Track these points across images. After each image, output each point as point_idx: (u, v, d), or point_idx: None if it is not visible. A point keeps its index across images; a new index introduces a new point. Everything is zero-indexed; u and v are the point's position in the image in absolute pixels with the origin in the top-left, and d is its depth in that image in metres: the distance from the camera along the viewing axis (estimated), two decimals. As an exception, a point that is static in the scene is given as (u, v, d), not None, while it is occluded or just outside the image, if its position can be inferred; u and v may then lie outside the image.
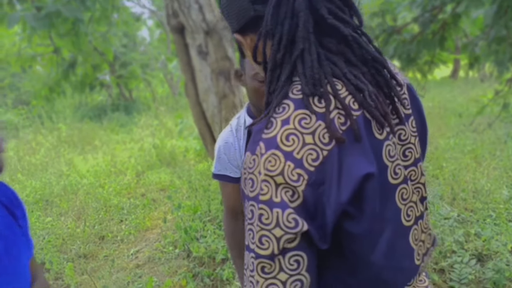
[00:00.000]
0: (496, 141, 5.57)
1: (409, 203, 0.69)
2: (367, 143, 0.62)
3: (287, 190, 0.59)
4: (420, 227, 0.71)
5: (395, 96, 0.67)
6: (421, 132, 0.76)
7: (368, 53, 0.65)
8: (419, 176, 0.73)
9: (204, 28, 1.63)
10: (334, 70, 0.64)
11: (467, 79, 13.81)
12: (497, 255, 2.73)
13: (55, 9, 1.85)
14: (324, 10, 0.63)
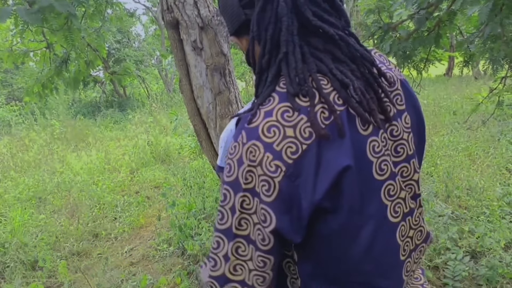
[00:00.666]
0: (490, 139, 5.61)
1: (397, 199, 0.69)
2: (349, 138, 0.63)
3: (264, 184, 0.61)
4: (408, 224, 0.72)
5: (384, 93, 0.68)
6: (417, 128, 0.76)
7: (356, 51, 0.67)
8: (411, 172, 0.73)
9: (199, 23, 1.61)
10: (319, 67, 0.66)
11: (461, 77, 13.89)
12: (491, 252, 2.75)
13: (48, 4, 1.82)
14: (309, 13, 0.65)
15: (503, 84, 2.88)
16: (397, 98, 0.71)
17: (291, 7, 0.65)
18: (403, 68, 3.07)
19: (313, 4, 0.66)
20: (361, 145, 0.64)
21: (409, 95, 0.74)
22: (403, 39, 2.81)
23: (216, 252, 0.67)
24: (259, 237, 0.64)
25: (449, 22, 2.69)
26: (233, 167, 0.63)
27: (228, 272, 0.66)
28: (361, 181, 0.64)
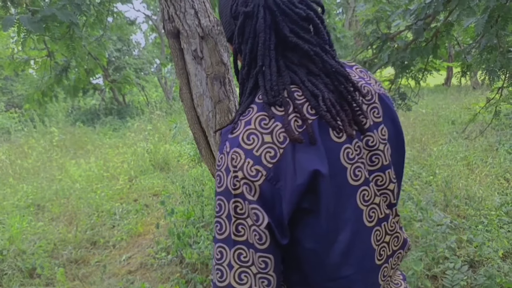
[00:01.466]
0: (488, 148, 5.63)
1: (371, 205, 0.72)
2: (321, 145, 0.67)
3: (246, 187, 0.65)
4: (384, 229, 0.74)
5: (357, 106, 0.72)
6: (395, 141, 0.79)
7: (331, 66, 0.72)
8: (386, 182, 0.76)
9: (200, 33, 1.63)
10: (293, 78, 0.71)
11: (460, 86, 13.97)
12: (489, 261, 2.75)
13: (51, 13, 1.84)
14: (286, 30, 0.70)
15: (500, 94, 2.91)
16: (374, 111, 0.75)
17: (270, 24, 0.70)
18: (401, 78, 3.10)
19: (292, 22, 0.71)
20: (334, 152, 0.68)
21: (387, 108, 0.77)
22: (401, 49, 2.84)
23: (220, 263, 0.68)
24: (255, 237, 0.66)
25: (446, 33, 2.73)
26: (222, 177, 0.68)
27: (233, 281, 0.67)
28: (336, 185, 0.68)
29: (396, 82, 3.21)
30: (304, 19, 0.72)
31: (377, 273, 0.74)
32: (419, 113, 8.68)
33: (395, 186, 0.77)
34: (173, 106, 12.32)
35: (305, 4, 0.73)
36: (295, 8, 0.71)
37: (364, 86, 0.76)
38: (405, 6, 2.90)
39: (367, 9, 3.24)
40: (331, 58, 0.73)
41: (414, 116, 8.23)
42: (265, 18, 0.70)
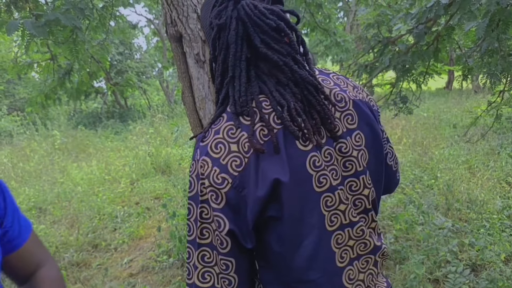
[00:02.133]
0: (489, 152, 5.63)
1: (334, 211, 0.74)
2: (284, 154, 0.69)
3: (212, 194, 0.69)
4: (347, 234, 0.76)
5: (326, 114, 0.73)
6: (373, 146, 0.79)
7: (299, 75, 0.73)
8: (361, 187, 0.77)
9: (202, 36, 1.65)
10: (262, 89, 0.73)
11: (461, 90, 13.96)
12: (491, 265, 2.75)
13: (54, 17, 1.86)
14: (257, 40, 0.72)
15: (501, 98, 2.91)
16: (348, 118, 0.76)
17: (242, 35, 0.73)
18: (402, 81, 3.11)
19: (262, 32, 0.72)
20: (299, 160, 0.70)
21: (363, 114, 0.78)
22: (402, 53, 2.85)
23: (188, 262, 0.74)
24: (218, 242, 0.70)
25: (448, 36, 2.74)
26: (193, 182, 0.72)
27: (197, 280, 0.72)
28: (300, 193, 0.70)
29: (397, 86, 3.22)
30: (275, 29, 0.73)
31: (340, 276, 0.76)
32: (421, 117, 8.68)
33: (370, 191, 0.78)
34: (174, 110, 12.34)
35: (276, 15, 0.74)
36: (265, 19, 0.72)
37: (338, 93, 0.77)
38: (406, 10, 2.91)
39: (368, 13, 3.26)
40: (301, 67, 0.74)
41: (416, 119, 8.23)
42: (237, 29, 0.72)
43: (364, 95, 0.82)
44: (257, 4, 0.74)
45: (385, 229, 3.51)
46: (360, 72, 3.33)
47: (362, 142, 0.76)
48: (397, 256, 2.99)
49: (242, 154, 0.69)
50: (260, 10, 0.73)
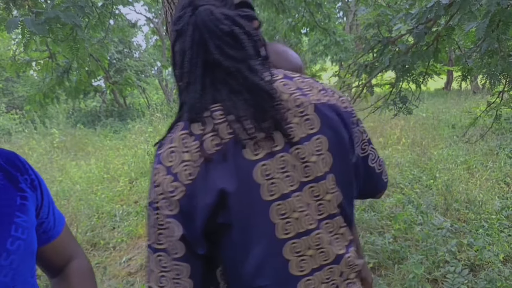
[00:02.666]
0: (488, 152, 5.64)
1: (287, 219, 0.73)
2: (233, 164, 0.70)
3: (165, 201, 0.70)
4: (304, 243, 0.74)
5: (280, 120, 0.72)
6: (338, 150, 0.77)
7: (252, 83, 0.72)
8: (322, 193, 0.75)
9: (202, 36, 1.64)
10: (216, 96, 0.73)
11: (460, 91, 13.98)
12: (489, 265, 2.75)
13: (54, 15, 1.85)
14: (212, 46, 0.72)
15: (501, 98, 2.92)
16: (307, 123, 0.75)
17: (198, 41, 0.72)
18: (402, 81, 3.11)
19: (217, 38, 0.72)
20: (247, 169, 0.70)
21: (326, 118, 0.76)
22: (402, 53, 2.85)
23: (147, 265, 0.76)
24: (172, 247, 0.72)
25: (448, 37, 2.74)
26: (151, 189, 0.73)
27: (154, 284, 0.74)
28: (247, 202, 0.71)
29: (397, 86, 3.22)
30: (228, 34, 0.72)
31: (295, 285, 0.75)
32: (420, 117, 8.69)
33: (334, 196, 0.76)
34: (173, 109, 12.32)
35: (231, 20, 0.73)
36: (220, 24, 0.72)
37: (298, 98, 0.75)
38: (406, 10, 2.91)
39: (368, 13, 3.26)
40: (255, 73, 0.73)
41: (415, 119, 8.24)
42: (193, 35, 0.72)
43: (334, 98, 0.80)
44: (213, 10, 0.73)
45: (383, 229, 3.51)
46: (360, 72, 3.32)
47: (323, 146, 0.75)
48: (396, 256, 3.00)
49: (193, 163, 0.70)
50: (216, 15, 0.72)
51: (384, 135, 7.39)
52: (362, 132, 0.85)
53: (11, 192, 0.74)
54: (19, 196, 0.75)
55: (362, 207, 3.96)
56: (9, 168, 0.76)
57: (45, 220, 0.83)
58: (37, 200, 0.79)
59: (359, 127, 0.84)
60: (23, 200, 0.75)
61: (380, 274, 2.85)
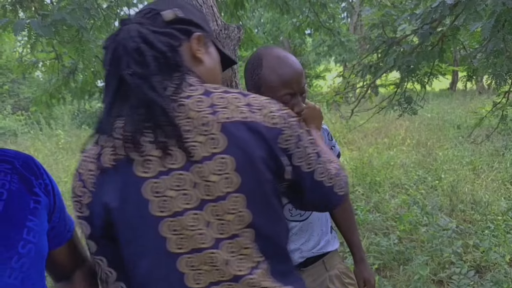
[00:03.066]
0: (494, 153, 5.61)
1: (180, 235, 0.74)
2: (122, 180, 0.73)
3: (76, 204, 0.78)
4: (198, 259, 0.75)
5: (179, 139, 0.73)
6: (248, 170, 0.74)
7: (150, 100, 0.73)
8: (222, 213, 0.74)
9: (207, 37, 1.64)
10: (121, 112, 0.76)
11: (465, 91, 13.91)
12: (495, 266, 2.73)
13: (61, 17, 1.87)
14: (123, 63, 0.75)
15: (507, 99, 2.90)
16: (212, 142, 0.73)
17: (115, 58, 0.76)
18: (407, 82, 3.10)
19: (127, 54, 0.75)
20: (136, 186, 0.72)
21: (233, 138, 0.74)
22: (407, 53, 2.84)
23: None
24: (87, 243, 0.81)
25: (453, 37, 2.73)
26: None
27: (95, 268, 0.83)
28: (133, 217, 0.73)
29: (401, 86, 3.21)
30: (136, 51, 0.75)
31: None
32: (425, 118, 8.65)
33: (237, 217, 0.74)
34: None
35: (143, 38, 0.76)
36: (131, 42, 0.75)
37: (204, 116, 0.74)
38: (411, 10, 2.90)
39: (372, 13, 3.25)
40: (153, 90, 0.73)
41: (419, 120, 8.21)
42: (113, 52, 0.76)
43: (257, 115, 0.77)
44: (131, 28, 0.77)
45: (388, 230, 3.50)
46: (364, 73, 3.32)
47: (227, 166, 0.73)
48: (401, 257, 2.99)
49: (95, 173, 0.75)
50: (131, 33, 0.76)
51: (389, 135, 7.37)
52: (306, 147, 0.83)
53: (25, 196, 0.76)
54: (32, 200, 0.76)
55: (367, 208, 3.95)
56: (24, 172, 0.78)
57: (57, 224, 0.84)
58: (49, 205, 0.81)
59: (302, 142, 0.82)
60: (36, 204, 0.77)
61: (385, 276, 2.84)
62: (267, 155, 0.76)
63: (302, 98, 1.13)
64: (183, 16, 0.85)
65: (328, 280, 1.31)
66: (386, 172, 5.02)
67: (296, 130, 0.81)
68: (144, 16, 0.83)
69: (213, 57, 0.91)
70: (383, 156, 5.76)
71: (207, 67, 0.88)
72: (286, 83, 1.08)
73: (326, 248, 1.32)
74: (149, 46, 0.76)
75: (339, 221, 1.41)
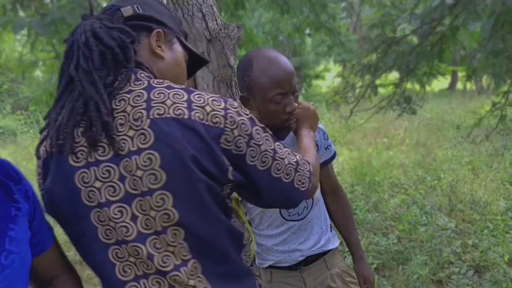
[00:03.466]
0: (493, 153, 5.61)
1: (107, 226, 0.76)
2: (56, 168, 0.77)
3: (39, 181, 0.83)
4: (125, 250, 0.76)
5: (109, 132, 0.74)
6: (177, 168, 0.73)
7: (87, 94, 0.76)
8: (148, 209, 0.74)
9: (207, 36, 1.65)
10: (64, 103, 0.79)
11: (465, 91, 13.92)
12: (494, 266, 2.74)
13: (60, 16, 1.87)
14: (75, 57, 0.79)
15: (506, 99, 2.90)
16: (140, 137, 0.73)
17: (69, 51, 0.81)
18: (406, 82, 3.10)
19: (78, 49, 0.79)
20: (69, 174, 0.75)
21: (163, 135, 0.73)
22: (406, 53, 2.84)
23: None
24: None
25: (452, 37, 2.73)
26: None
27: None
28: (72, 204, 0.77)
29: (401, 86, 3.22)
30: (85, 45, 0.78)
31: (124, 285, 0.78)
32: (424, 118, 8.66)
33: (161, 214, 0.74)
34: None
35: (92, 32, 0.79)
36: (82, 36, 0.79)
37: (138, 111, 0.74)
38: (410, 10, 2.91)
39: (372, 13, 3.25)
40: (92, 84, 0.76)
41: (419, 120, 8.21)
42: (69, 47, 0.81)
43: (196, 113, 0.75)
44: (86, 23, 0.80)
45: (388, 230, 3.50)
46: (364, 72, 3.32)
47: (153, 163, 0.72)
48: (400, 256, 2.99)
49: (41, 158, 0.81)
50: (84, 28, 0.80)
51: (388, 135, 7.37)
52: (259, 144, 0.81)
53: (5, 203, 0.72)
54: (13, 207, 0.73)
55: (366, 208, 3.95)
56: (2, 178, 0.74)
57: (38, 231, 0.81)
58: (30, 211, 0.78)
59: (255, 140, 0.81)
60: (17, 211, 0.74)
61: (384, 275, 2.84)
62: (202, 155, 0.74)
63: (295, 97, 1.14)
64: (143, 12, 0.86)
65: (329, 279, 1.31)
66: (385, 172, 5.02)
67: (246, 129, 0.79)
68: (105, 12, 0.86)
69: (176, 54, 0.91)
70: (382, 156, 5.77)
71: (168, 63, 0.88)
72: (277, 83, 1.09)
73: (327, 246, 1.32)
74: (98, 41, 0.78)
75: (337, 220, 1.42)
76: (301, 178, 0.89)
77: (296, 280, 1.30)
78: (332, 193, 1.39)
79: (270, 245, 1.29)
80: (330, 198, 1.39)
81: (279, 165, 0.85)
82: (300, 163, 0.90)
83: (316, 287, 1.30)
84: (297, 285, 1.30)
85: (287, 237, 1.28)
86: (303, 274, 1.30)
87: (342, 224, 1.41)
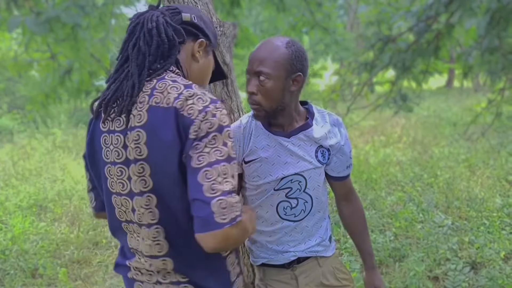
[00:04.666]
0: (489, 150, 5.63)
1: (112, 178, 0.99)
2: (93, 129, 1.03)
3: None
4: (119, 200, 1.00)
5: (127, 110, 0.94)
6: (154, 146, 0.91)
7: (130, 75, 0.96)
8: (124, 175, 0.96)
9: (203, 34, 1.64)
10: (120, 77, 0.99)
11: (461, 88, 13.95)
12: (490, 262, 2.75)
13: (55, 15, 1.87)
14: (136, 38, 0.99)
15: (502, 96, 2.91)
16: (139, 117, 0.93)
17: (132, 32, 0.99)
18: (402, 79, 3.11)
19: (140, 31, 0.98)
20: (97, 134, 1.00)
21: (154, 119, 0.91)
22: (402, 51, 2.85)
23: None
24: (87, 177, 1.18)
25: (448, 34, 2.74)
26: None
27: None
28: (96, 157, 1.02)
29: (397, 84, 3.22)
30: (148, 32, 0.96)
31: (120, 224, 1.03)
32: (421, 115, 8.68)
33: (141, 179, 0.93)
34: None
35: (157, 23, 0.96)
36: (149, 23, 0.97)
37: (144, 96, 0.94)
38: (406, 8, 2.91)
39: (368, 11, 3.26)
40: (139, 67, 0.95)
41: (416, 118, 8.23)
42: (134, 25, 1.00)
43: (178, 104, 0.89)
44: (154, 14, 0.99)
45: (384, 227, 3.51)
46: (360, 70, 3.33)
47: (140, 139, 0.91)
48: (397, 253, 3.00)
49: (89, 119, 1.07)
50: (152, 17, 0.97)
51: (385, 133, 7.39)
52: (210, 147, 0.85)
53: None
54: None
55: (363, 205, 3.96)
56: None
57: None
58: None
59: (208, 140, 0.86)
60: None
61: (381, 272, 2.85)
62: (175, 138, 0.89)
63: (260, 81, 1.14)
64: (197, 23, 1.05)
65: (321, 276, 1.31)
66: (382, 170, 5.03)
67: (211, 129, 0.87)
68: (169, 9, 1.03)
69: (208, 62, 1.11)
70: (379, 154, 5.78)
71: (200, 67, 1.08)
72: (249, 60, 1.19)
73: (321, 253, 1.32)
74: (158, 32, 0.96)
75: (350, 227, 1.40)
76: (224, 209, 0.82)
77: (288, 278, 1.30)
78: (346, 198, 1.40)
79: (264, 242, 1.29)
80: (344, 203, 1.39)
81: (209, 175, 0.84)
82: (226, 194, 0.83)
83: (309, 284, 1.30)
84: (289, 283, 1.30)
85: (281, 237, 1.27)
86: (295, 272, 1.30)
87: (355, 230, 1.40)
